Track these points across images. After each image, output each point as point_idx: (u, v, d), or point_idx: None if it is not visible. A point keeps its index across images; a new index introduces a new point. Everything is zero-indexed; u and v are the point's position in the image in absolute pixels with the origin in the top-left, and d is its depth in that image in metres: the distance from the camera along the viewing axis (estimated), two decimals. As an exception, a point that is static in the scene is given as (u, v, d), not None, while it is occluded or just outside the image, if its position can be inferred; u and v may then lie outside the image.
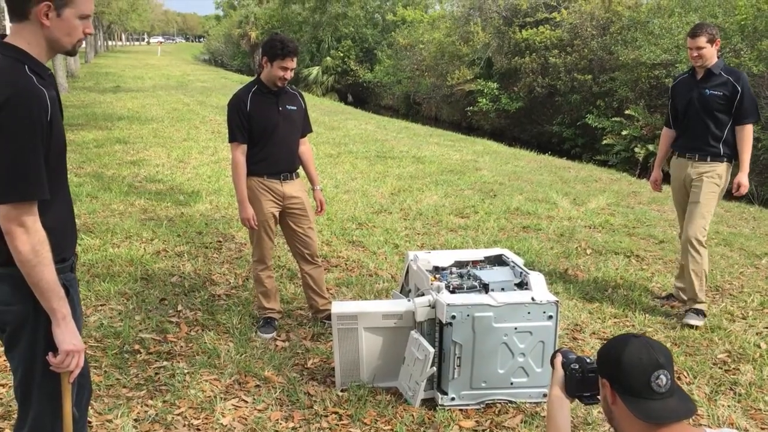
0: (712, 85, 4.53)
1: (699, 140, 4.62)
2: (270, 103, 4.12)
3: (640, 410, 1.71)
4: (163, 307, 4.71)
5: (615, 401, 1.79)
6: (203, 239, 6.15)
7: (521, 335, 3.41)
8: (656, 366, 1.73)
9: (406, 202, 7.77)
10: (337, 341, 3.60)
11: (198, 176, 8.80)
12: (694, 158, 4.65)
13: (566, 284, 5.29)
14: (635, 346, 1.77)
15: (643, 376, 1.72)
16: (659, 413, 1.70)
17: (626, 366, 1.75)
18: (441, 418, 3.41)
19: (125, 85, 23.02)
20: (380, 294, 5.00)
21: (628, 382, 1.74)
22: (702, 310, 4.61)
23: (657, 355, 1.74)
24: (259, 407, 3.54)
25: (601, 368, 1.86)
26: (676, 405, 1.73)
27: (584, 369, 2.02)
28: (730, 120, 4.52)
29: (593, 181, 9.73)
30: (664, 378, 1.72)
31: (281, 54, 3.99)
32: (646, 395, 1.72)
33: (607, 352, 1.85)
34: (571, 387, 2.05)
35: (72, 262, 2.22)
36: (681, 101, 4.72)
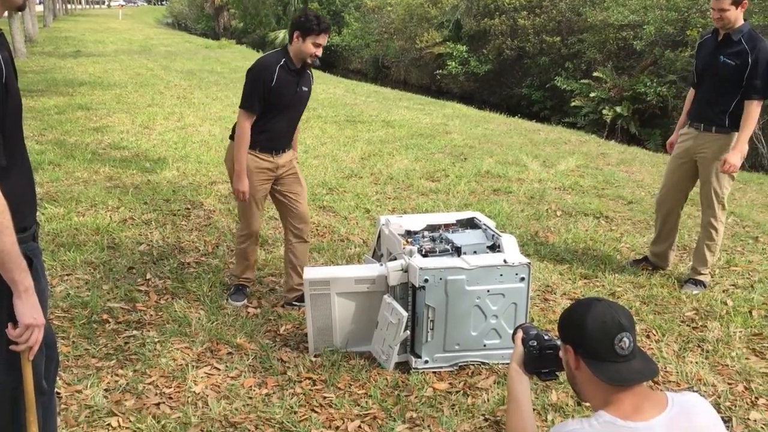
0: (727, 53, 4.25)
1: (707, 109, 4.41)
2: (292, 81, 3.97)
3: (604, 373, 1.71)
4: (131, 275, 4.63)
5: (578, 366, 1.78)
6: (171, 207, 6.04)
7: (494, 297, 3.41)
8: (619, 328, 1.73)
9: (377, 166, 7.71)
10: (309, 307, 3.57)
11: (164, 143, 8.63)
12: (700, 128, 4.45)
13: (537, 246, 5.32)
14: (598, 310, 1.76)
15: (606, 339, 1.72)
16: (623, 375, 1.70)
17: (589, 329, 1.74)
18: (415, 381, 3.42)
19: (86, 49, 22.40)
20: (352, 259, 4.97)
21: (591, 345, 1.74)
22: (703, 281, 4.58)
23: (619, 318, 1.74)
24: (232, 374, 3.51)
25: (564, 333, 1.85)
26: (639, 367, 1.73)
27: (542, 346, 2.03)
28: (740, 92, 4.26)
29: (562, 143, 9.76)
30: (627, 340, 1.72)
31: (317, 30, 3.83)
32: (609, 358, 1.72)
33: (569, 317, 1.84)
34: (530, 364, 2.05)
35: (34, 231, 2.14)
36: (700, 64, 4.49)
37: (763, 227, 5.90)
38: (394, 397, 3.30)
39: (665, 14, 14.69)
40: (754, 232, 5.79)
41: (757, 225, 5.97)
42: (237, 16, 40.12)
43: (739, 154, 4.29)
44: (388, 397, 3.30)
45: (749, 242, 5.52)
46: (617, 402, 1.70)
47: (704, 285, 4.56)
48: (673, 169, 4.68)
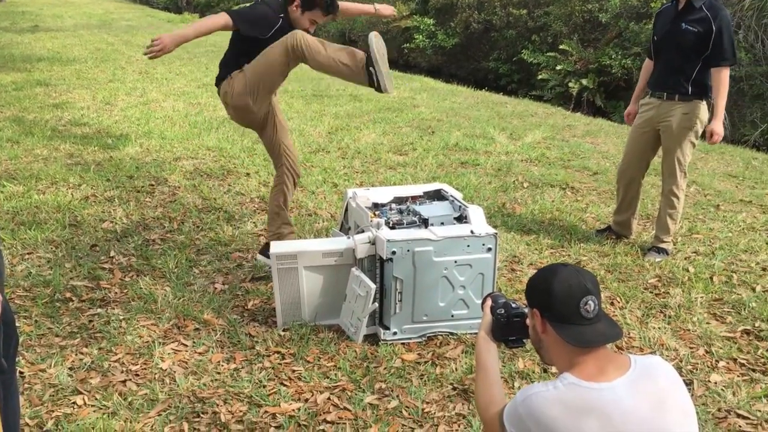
0: (689, 20, 4.29)
1: (669, 77, 4.44)
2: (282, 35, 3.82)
3: (570, 335, 1.74)
4: (94, 253, 4.55)
5: (545, 329, 1.81)
6: (134, 183, 5.94)
7: (461, 268, 3.43)
8: (585, 292, 1.76)
9: (344, 140, 7.66)
10: (277, 281, 3.55)
11: (126, 119, 8.46)
12: (663, 97, 4.48)
13: (504, 217, 5.35)
14: (564, 274, 1.79)
15: (573, 302, 1.75)
16: (587, 337, 1.73)
17: (556, 293, 1.77)
18: (384, 353, 3.44)
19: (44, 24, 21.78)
20: (320, 233, 4.95)
21: (557, 309, 1.77)
22: (666, 249, 4.64)
23: (585, 282, 1.77)
24: (200, 350, 3.49)
25: (531, 298, 1.87)
26: (604, 329, 1.77)
27: (509, 314, 2.05)
28: (701, 59, 4.31)
29: (529, 115, 9.79)
30: (592, 303, 1.76)
31: (323, 8, 3.73)
32: (575, 321, 1.75)
33: (536, 282, 1.86)
34: (497, 331, 2.08)
35: None
36: (659, 32, 4.53)
37: (724, 195, 6.01)
38: (363, 368, 3.32)
39: (630, -14, 14.76)
40: (716, 200, 5.89)
41: (718, 193, 6.08)
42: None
43: (721, 123, 4.37)
44: (357, 369, 3.31)
45: (710, 210, 5.62)
46: (581, 364, 1.73)
47: (667, 252, 4.64)
48: (634, 138, 4.72)
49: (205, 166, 6.49)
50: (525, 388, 1.78)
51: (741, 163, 7.33)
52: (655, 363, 1.77)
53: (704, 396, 3.12)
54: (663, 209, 4.64)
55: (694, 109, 4.41)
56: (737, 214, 5.51)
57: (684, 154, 4.49)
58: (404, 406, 3.04)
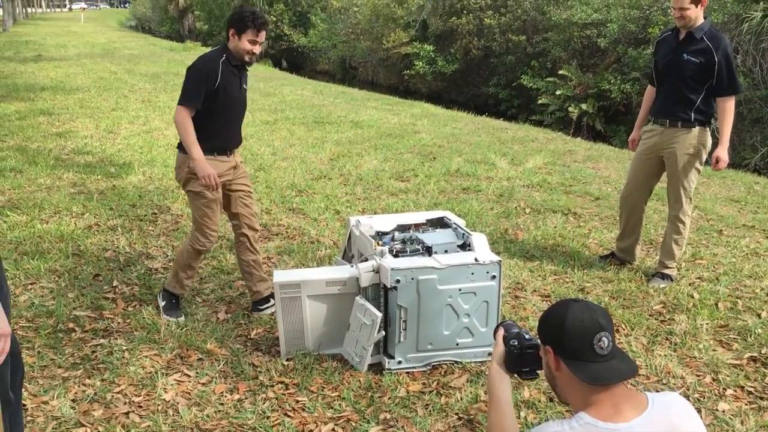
0: (690, 50, 4.31)
1: (672, 105, 4.45)
2: (235, 78, 3.87)
3: (584, 373, 1.71)
4: (97, 283, 4.55)
5: (559, 367, 1.79)
6: (137, 212, 5.95)
7: (465, 296, 3.42)
8: (598, 328, 1.74)
9: (346, 167, 7.69)
10: (280, 310, 3.54)
11: (129, 147, 8.51)
12: (666, 124, 4.49)
13: (507, 244, 5.34)
14: (576, 310, 1.78)
15: (586, 338, 1.73)
16: (603, 375, 1.71)
17: (569, 330, 1.75)
18: (388, 382, 3.41)
19: (47, 53, 21.99)
20: (323, 261, 4.95)
21: (571, 345, 1.75)
22: (670, 275, 4.63)
23: (598, 318, 1.76)
24: (203, 381, 3.46)
25: (544, 335, 1.86)
26: (619, 366, 1.74)
27: (522, 345, 2.03)
28: (704, 88, 4.34)
29: (530, 141, 9.83)
30: (605, 340, 1.73)
31: (252, 26, 3.73)
32: (589, 358, 1.73)
33: (548, 318, 1.85)
34: (510, 362, 2.05)
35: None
36: (660, 61, 4.55)
37: (727, 220, 6.00)
38: (367, 398, 3.29)
39: (627, 12, 14.90)
40: (718, 225, 5.89)
41: (721, 218, 6.08)
42: (202, 18, 39.74)
43: (726, 150, 4.39)
44: (362, 399, 3.29)
45: (714, 235, 5.61)
46: (597, 403, 1.70)
47: (671, 278, 4.63)
48: (638, 165, 4.73)
49: (207, 194, 6.50)
50: (539, 427, 1.76)
51: (743, 188, 7.34)
52: (673, 401, 1.74)
53: (712, 425, 3.09)
54: (668, 235, 4.64)
55: (698, 136, 4.44)
56: (740, 239, 5.50)
57: (689, 180, 4.50)
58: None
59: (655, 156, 4.60)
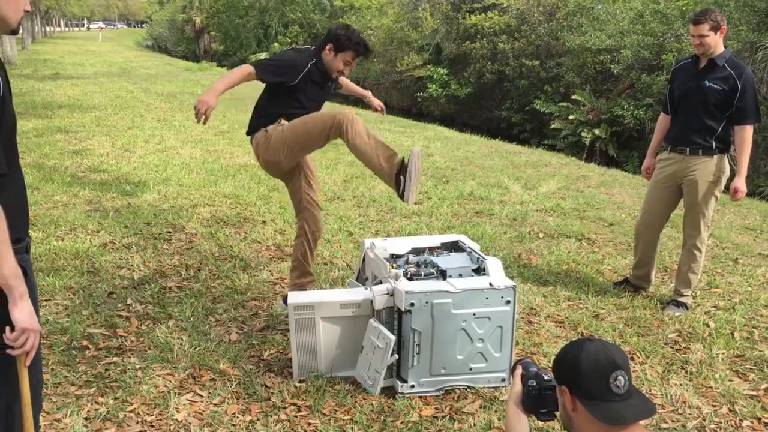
0: (712, 78, 4.29)
1: (692, 133, 4.42)
2: (315, 85, 3.95)
3: (602, 413, 1.70)
4: (111, 301, 4.57)
5: (575, 407, 1.77)
6: (152, 230, 5.99)
7: (480, 321, 3.41)
8: (614, 367, 1.73)
9: (359, 189, 7.72)
10: (294, 332, 3.54)
11: (144, 165, 8.57)
12: (686, 152, 4.45)
13: (520, 268, 5.33)
14: (591, 349, 1.76)
15: (602, 377, 1.72)
16: (621, 414, 1.69)
17: (584, 369, 1.74)
18: (401, 406, 3.39)
19: (65, 72, 22.29)
20: (336, 283, 4.95)
21: (587, 385, 1.73)
22: (686, 303, 4.59)
23: (614, 356, 1.74)
24: (215, 401, 3.46)
25: (559, 375, 1.84)
26: (637, 405, 1.73)
27: (541, 387, 2.00)
28: (725, 116, 4.33)
29: (543, 165, 9.84)
30: (622, 379, 1.72)
31: (353, 49, 3.84)
32: (606, 397, 1.71)
33: (563, 358, 1.83)
34: (528, 403, 2.03)
35: (26, 244, 2.17)
36: (679, 89, 4.51)
37: (742, 249, 5.97)
38: (380, 422, 3.27)
39: (641, 39, 14.96)
40: (734, 253, 5.85)
41: (737, 247, 6.04)
42: (218, 38, 40.21)
43: (744, 180, 4.38)
44: (374, 423, 3.27)
45: (729, 264, 5.58)
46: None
47: (687, 307, 4.59)
48: (655, 195, 4.68)
49: (221, 213, 6.54)
50: None
51: (758, 216, 7.30)
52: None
53: (729, 456, 3.05)
54: (684, 263, 4.61)
55: (718, 163, 4.42)
56: (756, 268, 5.47)
57: (708, 208, 4.48)
58: (422, 463, 2.99)
59: (673, 184, 4.58)
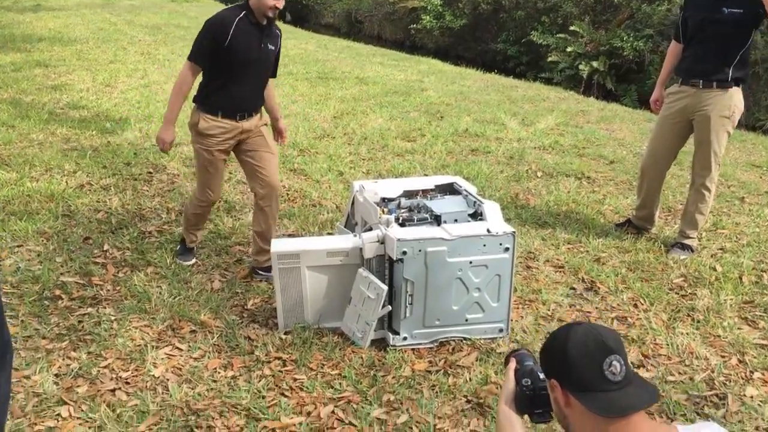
0: (730, 2, 3.94)
1: (707, 64, 4.11)
2: (254, 37, 3.61)
3: (599, 405, 1.46)
4: (87, 246, 4.32)
5: (568, 402, 1.53)
6: (131, 170, 5.70)
7: (476, 269, 3.18)
8: (606, 351, 1.48)
9: (350, 125, 7.40)
10: (278, 282, 3.31)
11: (126, 101, 8.20)
12: (699, 85, 4.15)
13: (518, 210, 5.09)
14: (579, 334, 1.52)
15: (594, 365, 1.48)
16: (620, 404, 1.46)
17: (573, 358, 1.50)
18: (392, 360, 3.20)
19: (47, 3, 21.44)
20: (325, 226, 4.71)
21: (578, 376, 1.49)
22: (691, 246, 4.37)
23: (605, 340, 1.50)
24: (195, 355, 3.26)
25: (547, 367, 1.60)
26: (636, 392, 1.48)
27: (536, 387, 1.77)
28: (746, 42, 4.01)
29: (541, 100, 9.49)
30: (617, 364, 1.48)
31: None
32: (601, 387, 1.47)
33: (549, 348, 1.59)
34: (521, 403, 1.79)
35: None
36: (693, 17, 4.18)
37: (749, 187, 5.73)
38: (369, 377, 3.08)
39: (644, -34, 14.35)
40: (740, 192, 5.62)
41: (743, 185, 5.80)
42: (204, -32, 38.83)
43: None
44: (364, 378, 3.08)
45: (735, 203, 5.35)
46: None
47: (692, 249, 4.38)
48: (665, 130, 4.39)
49: (205, 152, 6.23)
50: None
51: (764, 153, 7.04)
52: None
53: (740, 413, 2.87)
54: (692, 203, 4.37)
55: (732, 97, 4.12)
56: (763, 207, 5.24)
57: (720, 145, 4.20)
58: (414, 422, 2.81)
59: (684, 120, 4.28)
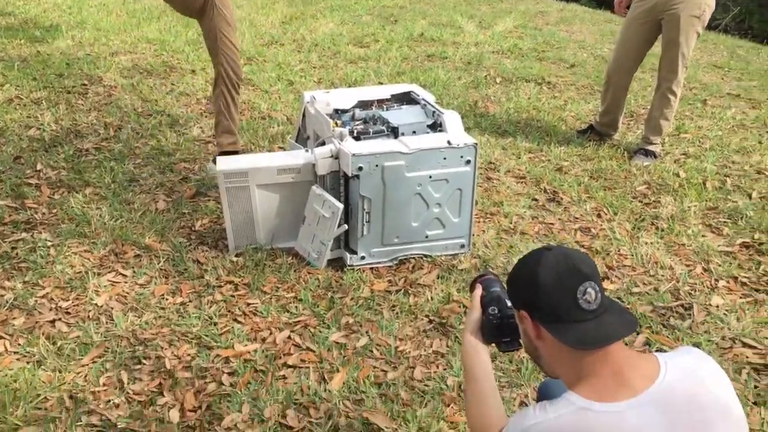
0: None
1: None
2: None
3: (572, 337, 1.30)
4: (18, 166, 4.01)
5: (539, 334, 1.37)
6: (64, 83, 5.28)
7: (436, 184, 3.01)
8: (580, 278, 1.31)
9: (299, 31, 6.99)
10: (226, 202, 3.09)
11: (56, 7, 7.59)
12: None
13: (477, 118, 4.89)
14: (550, 260, 1.34)
15: (567, 293, 1.31)
16: (595, 335, 1.30)
17: (544, 286, 1.32)
18: (350, 281, 3.06)
19: None
20: (276, 139, 4.45)
21: (550, 305, 1.32)
22: (654, 152, 4.26)
23: (578, 265, 1.33)
24: (141, 281, 3.06)
25: (515, 297, 1.44)
26: (613, 321, 1.33)
27: (503, 315, 1.61)
28: None
29: (498, 1, 9.13)
30: (592, 291, 1.31)
31: None
32: (575, 317, 1.31)
33: (517, 276, 1.42)
34: (488, 332, 1.63)
35: None
36: None
37: (711, 89, 5.61)
38: (327, 300, 2.94)
39: None
40: (702, 94, 5.50)
41: (705, 87, 5.68)
42: None
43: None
44: (321, 301, 2.93)
45: (698, 106, 5.23)
46: (593, 374, 1.31)
47: (655, 156, 4.27)
48: (630, 34, 4.18)
49: (144, 62, 5.82)
50: (518, 417, 1.35)
51: (725, 53, 6.91)
52: (694, 362, 1.37)
53: (706, 323, 2.83)
54: (656, 108, 4.22)
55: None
56: (726, 110, 5.13)
57: (689, 46, 4.02)
58: (375, 344, 2.69)
59: (653, 20, 4.06)
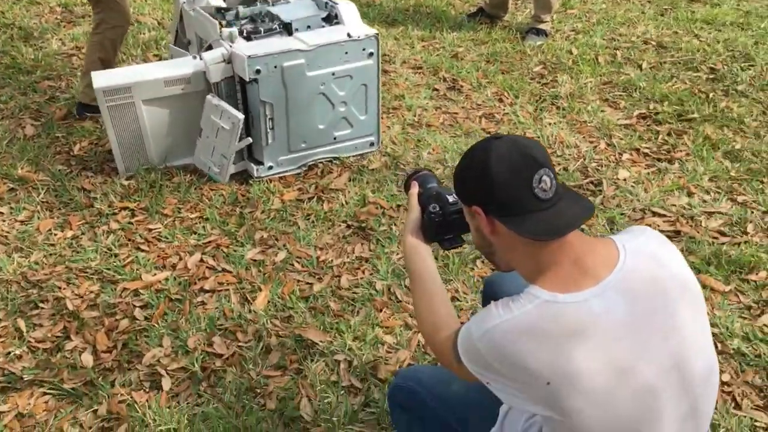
0: None
1: None
2: None
3: (529, 228, 1.22)
4: None
5: (494, 229, 1.27)
6: None
7: (340, 81, 2.82)
8: (534, 165, 1.22)
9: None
10: (109, 122, 2.78)
11: None
12: None
13: (363, 8, 4.63)
14: (501, 149, 1.23)
15: (522, 183, 1.21)
16: (553, 224, 1.22)
17: (498, 179, 1.21)
18: (257, 193, 2.87)
19: None
20: (149, 46, 4.06)
21: (504, 198, 1.22)
22: (545, 30, 4.21)
23: (531, 152, 1.22)
24: (21, 218, 2.76)
25: (465, 193, 1.32)
26: (569, 208, 1.25)
27: (445, 212, 1.49)
28: None
29: None
30: (547, 179, 1.22)
31: None
32: (530, 207, 1.22)
33: (467, 170, 1.30)
34: (429, 231, 1.51)
35: None
36: None
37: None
38: (236, 216, 2.75)
39: None
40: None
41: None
42: None
43: None
44: (229, 218, 2.75)
45: (580, -19, 5.21)
46: (553, 266, 1.23)
47: (546, 34, 4.24)
48: None
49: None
50: (480, 317, 1.27)
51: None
52: (648, 243, 1.31)
53: (616, 196, 2.87)
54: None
55: None
56: (607, -18, 5.14)
57: None
58: (295, 257, 2.56)
59: None
